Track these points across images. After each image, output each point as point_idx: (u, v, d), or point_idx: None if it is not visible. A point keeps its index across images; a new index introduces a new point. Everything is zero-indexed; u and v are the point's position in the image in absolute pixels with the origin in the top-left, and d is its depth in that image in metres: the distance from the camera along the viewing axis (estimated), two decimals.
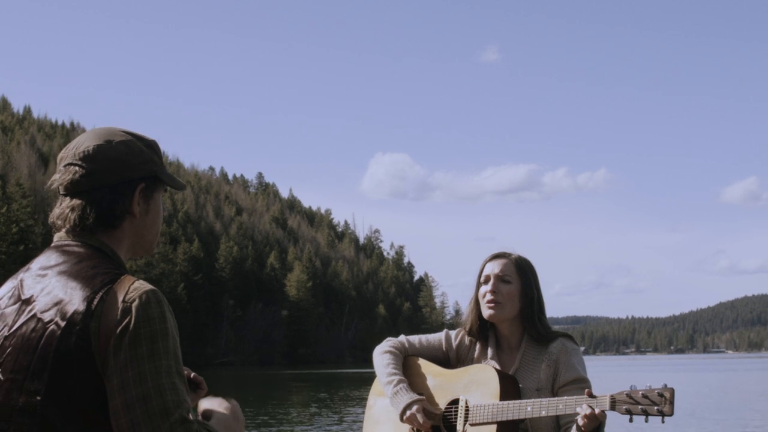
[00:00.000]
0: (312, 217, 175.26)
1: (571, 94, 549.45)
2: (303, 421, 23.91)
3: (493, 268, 3.87)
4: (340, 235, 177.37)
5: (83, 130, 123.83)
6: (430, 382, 3.91)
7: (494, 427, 3.59)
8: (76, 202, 2.29)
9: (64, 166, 2.32)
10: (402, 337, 4.09)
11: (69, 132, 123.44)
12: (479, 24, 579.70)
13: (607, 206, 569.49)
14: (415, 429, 3.84)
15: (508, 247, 3.96)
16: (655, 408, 3.25)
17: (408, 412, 3.77)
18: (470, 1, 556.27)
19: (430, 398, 3.87)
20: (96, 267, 2.18)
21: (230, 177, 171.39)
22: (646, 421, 3.30)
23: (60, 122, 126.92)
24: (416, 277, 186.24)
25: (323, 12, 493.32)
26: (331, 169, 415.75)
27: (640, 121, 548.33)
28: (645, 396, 3.28)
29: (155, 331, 2.07)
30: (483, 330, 3.93)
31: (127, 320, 2.06)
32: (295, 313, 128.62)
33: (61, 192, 2.32)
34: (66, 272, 2.18)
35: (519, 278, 3.84)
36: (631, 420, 3.30)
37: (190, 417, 2.08)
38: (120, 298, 2.09)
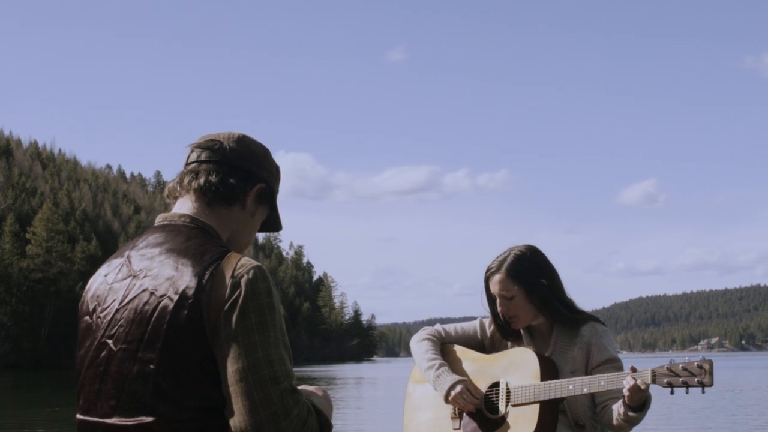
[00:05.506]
0: None
1: (474, 95, 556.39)
2: None
3: (494, 287, 3.87)
4: None
5: None
6: (469, 368, 3.95)
7: (537, 406, 3.64)
8: (204, 166, 2.41)
9: (206, 140, 2.46)
10: (438, 326, 4.12)
11: None
12: (387, 24, 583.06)
13: (506, 207, 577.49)
14: (457, 410, 3.88)
15: (504, 247, 3.96)
16: (695, 379, 3.33)
17: (453, 392, 3.80)
18: (378, 0, 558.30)
19: (470, 382, 3.89)
20: (204, 245, 2.28)
21: (128, 175, 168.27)
22: (687, 392, 3.39)
23: None
24: (315, 277, 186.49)
25: (227, 10, 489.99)
26: None
27: (542, 123, 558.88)
28: (685, 369, 3.35)
29: (263, 305, 2.17)
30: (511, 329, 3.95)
31: (236, 294, 2.16)
32: None
33: (194, 159, 2.45)
34: (175, 250, 2.28)
35: (518, 286, 3.83)
36: (672, 392, 3.39)
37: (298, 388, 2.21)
38: (228, 274, 2.18)
